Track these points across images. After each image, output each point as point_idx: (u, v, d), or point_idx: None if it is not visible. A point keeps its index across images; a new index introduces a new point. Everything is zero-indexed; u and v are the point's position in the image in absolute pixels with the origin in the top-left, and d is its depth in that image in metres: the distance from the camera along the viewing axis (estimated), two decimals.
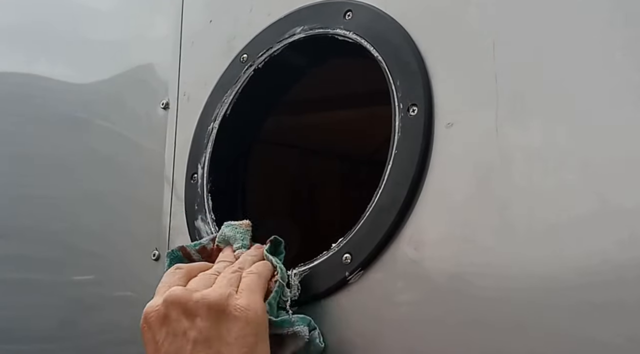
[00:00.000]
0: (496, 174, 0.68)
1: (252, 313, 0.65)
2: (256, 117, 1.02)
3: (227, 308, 0.64)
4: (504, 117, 0.69)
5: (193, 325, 0.64)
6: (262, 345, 0.65)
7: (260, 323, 0.65)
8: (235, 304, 0.65)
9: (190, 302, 0.65)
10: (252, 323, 0.64)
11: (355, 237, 0.77)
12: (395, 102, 0.78)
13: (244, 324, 0.64)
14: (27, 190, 1.32)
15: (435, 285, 0.71)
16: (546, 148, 0.66)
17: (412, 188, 0.74)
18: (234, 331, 0.63)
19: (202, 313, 0.64)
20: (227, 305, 0.64)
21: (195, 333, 0.63)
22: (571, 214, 0.63)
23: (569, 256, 0.62)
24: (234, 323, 0.64)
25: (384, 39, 0.81)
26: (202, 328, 0.63)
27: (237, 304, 0.65)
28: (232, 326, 0.63)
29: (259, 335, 0.65)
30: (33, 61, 1.40)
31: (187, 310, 0.65)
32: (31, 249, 1.28)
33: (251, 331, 0.64)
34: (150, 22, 1.19)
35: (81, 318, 1.16)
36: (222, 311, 0.64)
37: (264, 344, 0.65)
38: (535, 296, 0.64)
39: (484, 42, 0.72)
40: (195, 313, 0.64)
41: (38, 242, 1.27)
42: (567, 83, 0.66)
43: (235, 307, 0.64)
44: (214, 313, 0.64)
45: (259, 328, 0.65)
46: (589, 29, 0.66)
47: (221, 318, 0.64)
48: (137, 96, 1.15)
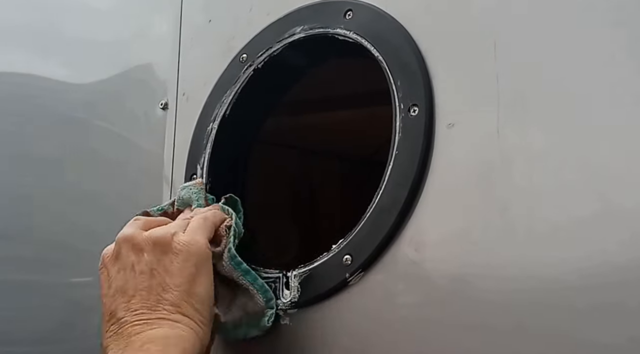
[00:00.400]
0: (497, 175, 0.68)
1: (194, 248, 0.71)
2: (256, 118, 1.02)
3: (170, 243, 0.71)
4: (505, 118, 0.69)
5: (140, 259, 0.70)
6: (203, 277, 0.71)
7: (201, 256, 0.72)
8: (179, 240, 0.71)
9: (138, 238, 0.72)
10: (193, 256, 0.71)
11: (355, 239, 0.77)
12: (395, 103, 0.78)
13: (186, 256, 0.70)
14: (25, 190, 1.32)
15: (436, 287, 0.71)
16: (547, 149, 0.66)
17: (412, 189, 0.74)
18: (175, 263, 0.70)
19: (148, 248, 0.71)
20: (171, 241, 0.71)
21: (141, 266, 0.70)
22: (572, 215, 0.63)
23: (570, 257, 0.62)
24: (176, 256, 0.70)
25: (385, 38, 0.81)
26: (147, 260, 0.70)
27: (179, 240, 0.71)
28: (174, 258, 0.70)
29: (200, 267, 0.71)
30: (32, 61, 1.40)
31: (135, 246, 0.71)
32: (29, 250, 1.28)
33: (192, 263, 0.70)
34: (149, 21, 1.19)
35: (80, 320, 1.16)
36: (167, 245, 0.71)
37: (206, 277, 0.72)
38: (536, 297, 0.64)
39: (485, 42, 0.72)
40: (143, 248, 0.71)
41: (36, 243, 1.27)
42: (568, 83, 0.66)
43: (178, 242, 0.71)
44: (159, 247, 0.71)
45: (199, 261, 0.71)
46: (590, 29, 0.66)
47: (166, 252, 0.70)
48: (136, 96, 1.16)
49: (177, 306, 0.68)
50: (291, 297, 0.80)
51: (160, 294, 0.68)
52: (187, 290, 0.69)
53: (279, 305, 0.81)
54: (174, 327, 0.66)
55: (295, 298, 0.80)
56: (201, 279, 0.71)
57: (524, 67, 0.69)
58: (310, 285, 0.80)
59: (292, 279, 0.80)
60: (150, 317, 0.67)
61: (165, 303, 0.68)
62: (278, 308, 0.81)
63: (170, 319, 0.67)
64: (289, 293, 0.80)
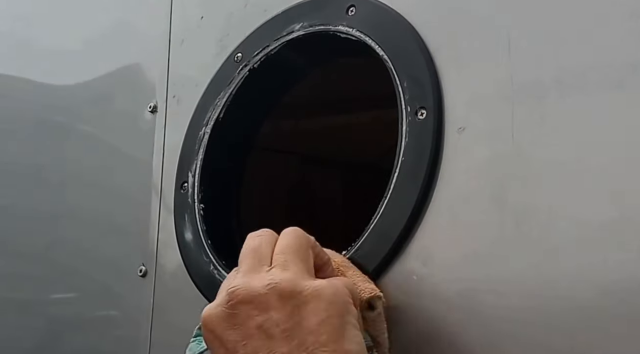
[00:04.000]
0: (512, 183, 0.69)
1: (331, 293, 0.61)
2: (251, 122, 1.03)
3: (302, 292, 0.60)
4: (520, 121, 0.69)
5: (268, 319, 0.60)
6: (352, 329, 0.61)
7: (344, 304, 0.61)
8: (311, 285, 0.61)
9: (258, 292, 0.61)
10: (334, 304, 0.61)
11: (359, 252, 0.77)
12: (402, 105, 0.78)
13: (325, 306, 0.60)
14: (1, 201, 1.33)
15: (445, 303, 0.71)
16: (566, 154, 0.66)
17: (420, 198, 0.74)
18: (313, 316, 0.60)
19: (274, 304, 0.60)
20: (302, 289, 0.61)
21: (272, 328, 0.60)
22: (592, 225, 0.63)
23: (588, 271, 0.63)
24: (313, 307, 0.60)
25: (390, 36, 0.82)
26: (277, 320, 0.60)
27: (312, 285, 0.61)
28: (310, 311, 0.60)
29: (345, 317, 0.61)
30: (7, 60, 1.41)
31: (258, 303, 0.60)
32: (7, 265, 1.29)
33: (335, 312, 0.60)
34: (136, 17, 1.19)
35: (61, 339, 1.17)
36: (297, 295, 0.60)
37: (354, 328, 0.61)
38: (553, 314, 0.64)
39: (498, 38, 0.73)
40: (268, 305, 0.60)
41: (15, 258, 1.28)
42: (590, 84, 0.66)
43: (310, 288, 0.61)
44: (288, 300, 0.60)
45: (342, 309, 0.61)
46: (611, 23, 0.66)
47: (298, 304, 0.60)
48: (122, 98, 1.16)
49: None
50: None
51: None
52: (337, 349, 0.59)
53: None
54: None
55: None
56: (349, 333, 0.60)
57: (541, 66, 0.69)
58: None
59: None
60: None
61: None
62: None
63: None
64: None
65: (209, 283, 0.89)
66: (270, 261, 0.64)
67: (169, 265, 1.00)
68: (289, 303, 0.60)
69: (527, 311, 0.66)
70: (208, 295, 0.89)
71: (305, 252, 0.65)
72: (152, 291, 1.01)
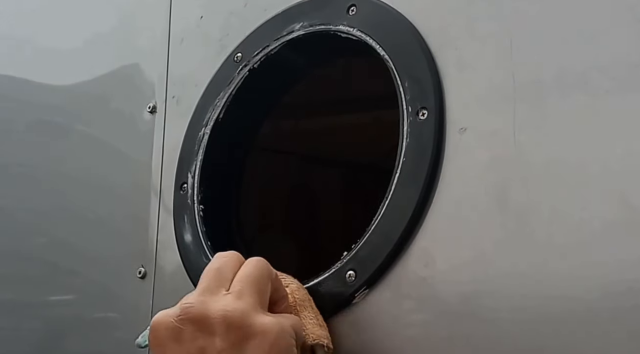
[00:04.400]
0: (513, 184, 0.69)
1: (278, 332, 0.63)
2: (251, 122, 1.03)
3: (250, 327, 0.62)
4: (522, 121, 0.70)
5: (211, 344, 0.61)
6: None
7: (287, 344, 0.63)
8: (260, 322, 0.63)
9: (208, 316, 0.62)
10: (277, 344, 0.62)
11: (359, 253, 0.77)
12: (403, 105, 0.78)
13: (270, 344, 0.62)
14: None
15: (447, 306, 0.71)
16: (569, 154, 0.66)
17: (422, 199, 0.74)
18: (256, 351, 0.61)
19: (220, 331, 0.62)
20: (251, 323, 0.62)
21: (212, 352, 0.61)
22: (598, 226, 0.63)
23: (593, 272, 0.63)
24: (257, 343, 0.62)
25: (391, 36, 0.82)
26: (220, 349, 0.61)
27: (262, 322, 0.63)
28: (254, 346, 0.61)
29: None
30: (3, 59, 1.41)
31: (204, 327, 0.62)
32: (5, 266, 1.29)
33: (276, 351, 0.62)
34: (135, 17, 1.19)
35: (59, 342, 1.17)
36: (244, 329, 0.62)
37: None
38: (559, 317, 0.64)
39: (500, 38, 0.73)
40: (214, 331, 0.62)
41: (12, 260, 1.28)
42: (591, 84, 0.66)
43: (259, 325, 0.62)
44: (234, 331, 0.62)
45: (285, 349, 0.63)
46: (613, 23, 0.67)
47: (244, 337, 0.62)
48: (121, 98, 1.16)
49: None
50: None
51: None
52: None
53: None
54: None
55: None
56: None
57: (544, 66, 0.70)
58: None
59: None
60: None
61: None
62: None
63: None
64: None
65: None
66: (230, 285, 0.66)
67: (169, 266, 1.00)
68: (234, 334, 0.61)
69: (529, 313, 0.66)
70: None
71: (263, 284, 0.67)
72: (151, 293, 1.01)
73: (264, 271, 0.68)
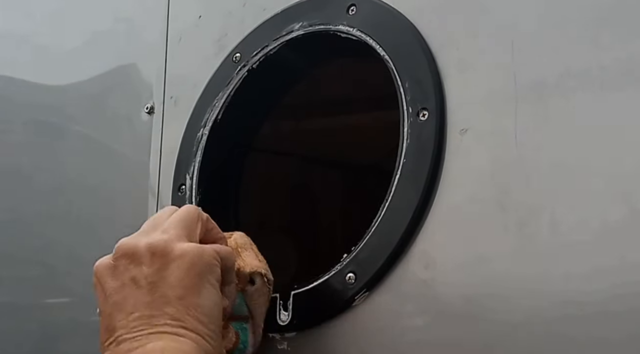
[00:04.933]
0: (515, 185, 0.69)
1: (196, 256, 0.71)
2: (250, 123, 1.03)
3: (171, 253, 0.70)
4: (523, 122, 0.70)
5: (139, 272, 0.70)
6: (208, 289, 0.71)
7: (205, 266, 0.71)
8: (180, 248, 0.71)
9: (136, 249, 0.71)
10: (196, 265, 0.70)
11: (359, 255, 0.78)
12: (403, 106, 0.78)
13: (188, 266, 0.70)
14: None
15: (448, 308, 0.71)
16: (570, 156, 0.66)
17: (422, 200, 0.74)
18: (176, 273, 0.70)
19: (146, 260, 0.70)
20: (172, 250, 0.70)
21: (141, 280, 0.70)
22: (599, 228, 0.63)
23: (594, 274, 0.63)
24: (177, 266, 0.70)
25: (391, 36, 0.82)
26: (147, 274, 0.70)
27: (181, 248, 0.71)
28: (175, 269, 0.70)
29: (203, 278, 0.71)
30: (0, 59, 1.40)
31: (134, 259, 0.71)
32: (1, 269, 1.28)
33: (195, 272, 0.70)
34: (133, 16, 1.19)
35: (56, 344, 1.17)
36: (166, 255, 0.70)
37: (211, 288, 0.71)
38: (559, 320, 0.64)
39: (501, 38, 0.73)
40: (142, 261, 0.70)
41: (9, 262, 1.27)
42: (593, 84, 0.67)
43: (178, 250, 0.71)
44: (159, 258, 0.70)
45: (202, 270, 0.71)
46: (615, 23, 0.67)
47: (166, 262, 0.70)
48: (118, 98, 1.16)
49: (179, 320, 0.68)
50: (289, 319, 0.80)
51: (161, 309, 0.68)
52: (190, 303, 0.69)
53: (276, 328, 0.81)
54: (175, 341, 0.67)
55: (293, 321, 0.80)
56: (206, 291, 0.70)
57: (545, 67, 0.70)
58: (310, 306, 0.80)
59: (290, 300, 0.80)
60: (151, 331, 0.67)
61: (167, 317, 0.68)
62: (275, 331, 0.81)
63: (171, 333, 0.67)
64: (287, 314, 0.80)
65: None
66: None
67: None
68: (158, 260, 0.70)
69: (530, 315, 0.66)
70: None
71: (190, 223, 0.75)
72: None
73: (191, 213, 0.76)
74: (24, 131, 1.33)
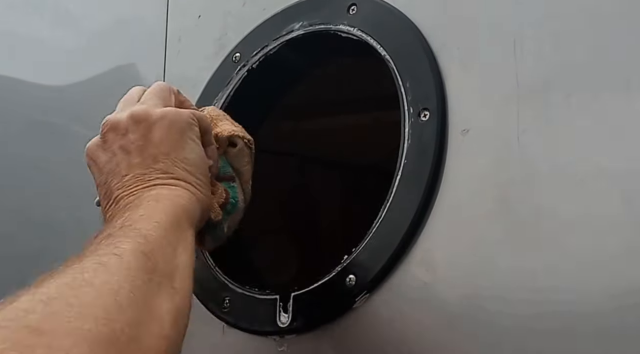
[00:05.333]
0: (517, 187, 0.69)
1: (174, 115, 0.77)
2: (250, 123, 1.02)
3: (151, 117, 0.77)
4: (526, 123, 0.69)
5: (126, 140, 0.76)
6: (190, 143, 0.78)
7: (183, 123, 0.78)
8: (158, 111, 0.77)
9: (119, 121, 0.77)
10: (175, 123, 0.77)
11: (360, 257, 0.77)
12: (404, 106, 0.78)
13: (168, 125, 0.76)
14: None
15: (449, 309, 0.71)
16: (573, 157, 0.66)
17: (423, 202, 0.74)
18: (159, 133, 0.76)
19: (131, 128, 0.77)
20: (151, 114, 0.77)
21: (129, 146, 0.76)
22: (602, 228, 0.63)
23: (597, 277, 0.63)
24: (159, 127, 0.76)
25: (392, 35, 0.82)
26: (133, 139, 0.76)
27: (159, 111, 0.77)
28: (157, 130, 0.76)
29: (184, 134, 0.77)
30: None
31: (119, 130, 0.77)
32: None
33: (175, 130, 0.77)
34: (132, 16, 1.19)
35: None
36: (148, 119, 0.76)
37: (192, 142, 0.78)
38: (561, 320, 0.64)
39: (503, 38, 0.73)
40: (127, 130, 0.76)
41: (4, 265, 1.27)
42: (599, 85, 0.66)
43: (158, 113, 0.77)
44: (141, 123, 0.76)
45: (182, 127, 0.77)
46: (620, 23, 0.66)
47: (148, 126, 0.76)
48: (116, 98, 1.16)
49: (168, 172, 0.75)
50: (289, 321, 0.80)
51: (151, 166, 0.75)
52: (177, 156, 0.76)
53: (276, 330, 0.81)
54: (168, 189, 0.73)
55: (293, 323, 0.80)
56: (188, 145, 0.77)
57: (548, 67, 0.70)
58: (310, 308, 0.80)
59: (290, 302, 0.80)
60: (145, 186, 0.73)
61: (157, 172, 0.75)
62: (275, 333, 0.81)
63: (164, 184, 0.74)
64: (287, 316, 0.80)
65: (206, 288, 0.89)
66: None
67: None
68: (141, 126, 0.76)
69: (531, 317, 0.66)
70: (205, 299, 0.89)
71: (163, 94, 0.81)
72: None
73: (163, 86, 0.83)
74: (23, 131, 1.33)
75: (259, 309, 0.84)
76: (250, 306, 0.85)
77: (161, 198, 0.72)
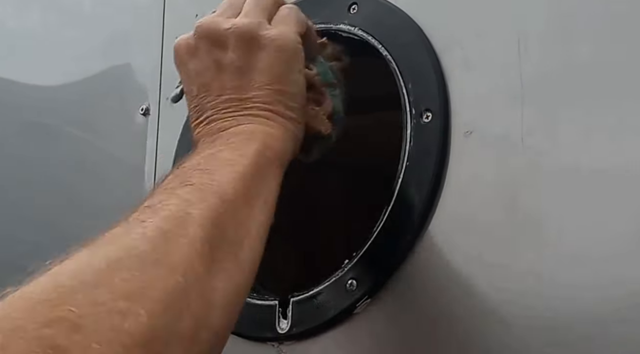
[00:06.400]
0: (522, 190, 0.68)
1: (284, 42, 0.72)
2: None
3: (258, 38, 0.72)
4: (531, 124, 0.69)
5: (224, 56, 0.72)
6: (295, 75, 0.73)
7: (292, 52, 0.73)
8: (267, 34, 0.72)
9: (220, 32, 0.72)
10: (284, 52, 0.72)
11: (361, 261, 0.77)
12: (406, 107, 0.78)
13: (276, 53, 0.72)
14: None
15: (451, 316, 0.71)
16: (579, 159, 0.66)
17: (425, 205, 0.74)
18: (265, 60, 0.71)
19: (232, 44, 0.72)
20: (258, 35, 0.72)
21: (226, 64, 0.72)
22: (609, 233, 0.63)
23: (606, 281, 0.62)
24: (265, 53, 0.72)
25: (394, 35, 0.81)
26: (233, 58, 0.72)
27: (268, 34, 0.72)
28: (263, 56, 0.71)
29: (291, 65, 0.73)
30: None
31: (216, 41, 0.72)
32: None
33: (283, 60, 0.72)
34: (127, 16, 1.19)
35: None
36: (253, 40, 0.72)
37: (298, 75, 0.74)
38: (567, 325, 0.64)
39: (507, 38, 0.73)
40: (226, 44, 0.72)
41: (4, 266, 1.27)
42: (605, 85, 0.66)
43: (266, 36, 0.72)
44: (244, 42, 0.72)
45: (290, 57, 0.73)
46: (626, 23, 0.66)
47: (252, 48, 0.72)
48: (112, 100, 1.16)
49: (268, 104, 0.71)
50: (288, 327, 0.80)
51: (250, 92, 0.71)
52: (279, 89, 0.72)
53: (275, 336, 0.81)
54: (265, 123, 0.70)
55: (293, 329, 0.80)
56: (292, 77, 0.73)
57: (553, 67, 0.69)
58: (309, 314, 0.80)
59: (289, 307, 0.80)
60: (241, 114, 0.70)
61: (256, 100, 0.71)
62: (274, 339, 0.81)
63: (260, 117, 0.70)
64: (286, 322, 0.80)
65: None
66: None
67: None
68: (245, 45, 0.71)
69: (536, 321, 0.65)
70: None
71: (268, 4, 0.75)
72: None
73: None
74: (17, 133, 1.33)
75: (258, 314, 0.83)
76: (248, 311, 0.85)
77: (254, 137, 0.68)
